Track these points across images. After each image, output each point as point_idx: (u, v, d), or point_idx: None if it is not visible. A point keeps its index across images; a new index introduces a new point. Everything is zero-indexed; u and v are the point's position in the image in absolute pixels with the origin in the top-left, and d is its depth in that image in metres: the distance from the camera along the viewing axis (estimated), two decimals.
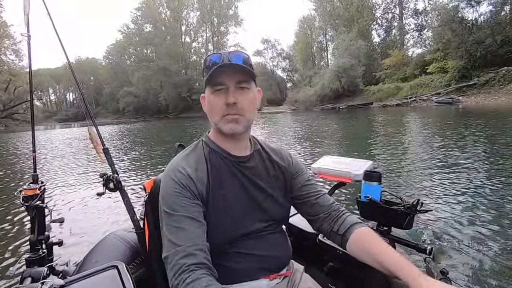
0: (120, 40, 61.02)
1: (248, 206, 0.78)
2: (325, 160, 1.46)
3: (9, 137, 19.54)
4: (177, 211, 0.69)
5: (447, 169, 4.22)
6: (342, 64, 28.31)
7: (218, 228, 0.73)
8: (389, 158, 5.40)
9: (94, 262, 0.95)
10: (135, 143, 11.33)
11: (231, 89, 0.72)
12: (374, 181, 1.10)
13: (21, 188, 1.09)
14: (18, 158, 8.79)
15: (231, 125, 0.73)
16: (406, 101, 22.91)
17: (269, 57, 50.14)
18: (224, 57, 0.73)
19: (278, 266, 0.82)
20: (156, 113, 52.56)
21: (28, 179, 1.16)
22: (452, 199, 3.08)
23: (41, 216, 1.11)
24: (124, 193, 1.19)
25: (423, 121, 11.74)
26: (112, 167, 1.22)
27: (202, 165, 0.76)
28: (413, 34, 36.79)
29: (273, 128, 13.91)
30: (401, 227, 1.06)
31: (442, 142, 6.29)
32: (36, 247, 1.07)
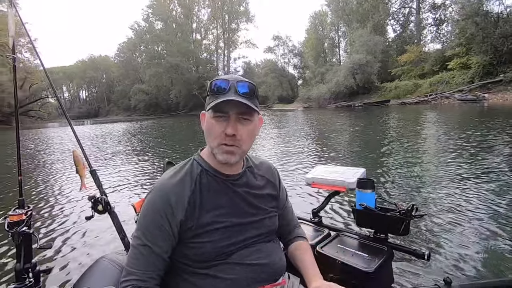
0: (131, 38, 61.52)
1: (239, 222, 0.79)
2: (318, 169, 1.47)
3: (23, 133, 19.67)
4: (143, 236, 0.72)
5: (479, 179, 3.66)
6: (358, 60, 27.41)
7: (210, 243, 0.74)
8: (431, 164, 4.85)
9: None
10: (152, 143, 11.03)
11: (232, 120, 0.72)
12: (367, 188, 1.11)
13: (6, 215, 1.02)
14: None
15: (226, 156, 0.74)
16: (426, 99, 21.90)
17: (280, 54, 49.40)
18: (231, 85, 0.72)
19: (272, 275, 0.82)
20: (167, 110, 52.81)
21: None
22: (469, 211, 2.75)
23: (28, 243, 1.05)
24: (113, 215, 1.17)
25: (451, 120, 11.04)
26: (100, 189, 1.19)
27: (187, 187, 0.76)
28: (430, 29, 35.61)
29: (291, 128, 13.24)
30: (397, 233, 1.05)
31: (474, 144, 5.71)
32: (22, 276, 1.02)
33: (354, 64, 27.58)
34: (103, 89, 75.70)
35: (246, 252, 0.79)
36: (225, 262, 0.76)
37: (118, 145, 10.22)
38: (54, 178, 5.33)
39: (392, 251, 1.06)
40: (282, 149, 6.88)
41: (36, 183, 5.00)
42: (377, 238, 1.12)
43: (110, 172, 5.45)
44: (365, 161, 5.19)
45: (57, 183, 4.88)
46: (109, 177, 5.10)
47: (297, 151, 6.44)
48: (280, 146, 7.40)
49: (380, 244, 1.09)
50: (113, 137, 13.28)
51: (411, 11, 37.04)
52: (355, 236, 1.19)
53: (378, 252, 1.05)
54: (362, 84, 28.58)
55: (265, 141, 8.51)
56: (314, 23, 50.68)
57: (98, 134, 15.39)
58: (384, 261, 1.00)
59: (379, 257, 1.02)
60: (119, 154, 7.92)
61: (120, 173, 5.34)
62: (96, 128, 21.51)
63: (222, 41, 54.67)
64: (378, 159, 5.18)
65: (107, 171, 5.61)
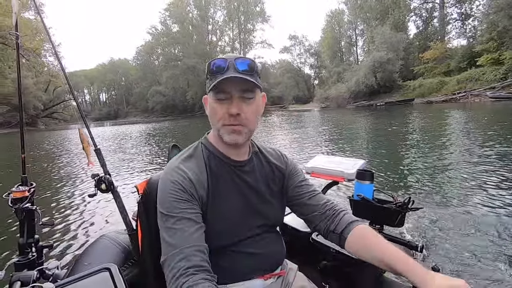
0: (149, 41, 62.78)
1: (245, 210, 0.77)
2: (318, 159, 1.45)
3: (49, 135, 20.26)
4: (176, 213, 0.68)
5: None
6: (379, 58, 26.43)
7: (214, 231, 0.73)
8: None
9: (86, 265, 0.92)
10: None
11: (235, 99, 0.70)
12: (366, 180, 1.11)
13: (9, 191, 1.04)
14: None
15: (233, 136, 0.72)
16: (454, 97, 20.77)
17: (297, 53, 48.66)
18: (230, 63, 0.70)
19: (273, 265, 0.81)
20: (183, 111, 53.36)
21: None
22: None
23: (31, 219, 1.06)
24: (116, 194, 1.18)
25: (483, 119, 10.23)
26: (104, 168, 1.20)
27: (202, 169, 0.75)
28: (455, 24, 33.94)
29: (311, 131, 12.72)
30: (393, 224, 1.06)
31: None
32: (25, 250, 1.04)
33: (375, 62, 26.59)
34: (122, 92, 77.66)
35: (248, 241, 0.77)
36: (226, 250, 0.75)
37: (135, 144, 10.16)
38: (59, 159, 5.56)
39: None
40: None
41: (41, 163, 5.17)
42: (373, 229, 1.08)
43: (117, 157, 5.55)
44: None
45: (62, 164, 5.03)
46: (115, 160, 5.23)
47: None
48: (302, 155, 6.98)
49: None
50: (131, 138, 13.31)
51: (435, 6, 35.51)
52: None
53: None
54: (383, 83, 27.57)
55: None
56: (330, 22, 49.90)
57: (119, 134, 15.55)
58: None
59: None
60: (132, 151, 7.91)
61: (125, 157, 5.49)
62: (117, 129, 21.84)
63: (237, 42, 54.72)
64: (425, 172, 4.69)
65: (116, 156, 5.71)
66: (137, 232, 0.88)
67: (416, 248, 0.99)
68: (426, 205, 2.81)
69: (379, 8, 38.08)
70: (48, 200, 3.37)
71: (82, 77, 70.90)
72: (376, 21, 38.09)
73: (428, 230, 2.32)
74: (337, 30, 49.42)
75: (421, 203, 2.81)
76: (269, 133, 11.04)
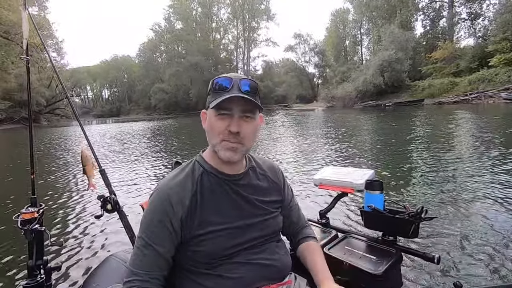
0: (152, 38, 62.40)
1: (243, 223, 0.78)
2: (326, 170, 1.46)
3: (52, 131, 19.95)
4: (146, 236, 0.71)
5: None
6: (388, 58, 25.92)
7: (213, 244, 0.74)
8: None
9: (94, 286, 0.92)
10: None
11: (236, 117, 0.72)
12: (376, 190, 1.10)
13: (19, 212, 1.04)
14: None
15: (229, 154, 0.73)
16: (466, 98, 20.28)
17: (301, 52, 48.10)
18: (234, 83, 0.72)
19: (278, 275, 0.81)
20: (186, 109, 53.00)
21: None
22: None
23: (40, 240, 1.07)
24: (122, 214, 1.18)
25: (498, 122, 9.78)
26: (109, 188, 1.20)
27: (188, 187, 0.76)
28: (463, 24, 33.36)
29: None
30: (406, 235, 1.04)
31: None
32: (34, 272, 1.03)
33: (383, 61, 26.07)
34: (125, 89, 77.37)
35: (251, 252, 0.78)
36: (230, 262, 0.75)
37: (138, 145, 9.79)
38: (66, 177, 5.37)
39: (401, 254, 1.04)
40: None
41: (48, 182, 5.01)
42: (386, 241, 1.10)
43: (121, 173, 5.40)
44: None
45: (69, 182, 4.88)
46: (119, 177, 5.05)
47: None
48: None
49: (389, 246, 1.07)
50: (134, 137, 12.95)
51: (443, 5, 34.91)
52: (363, 238, 1.17)
53: (386, 255, 1.03)
54: (391, 83, 27.05)
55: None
56: (335, 21, 49.41)
57: (122, 132, 15.20)
58: (393, 263, 0.98)
59: (387, 259, 0.99)
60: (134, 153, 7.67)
61: (129, 173, 5.33)
62: (120, 126, 21.52)
63: (242, 40, 54.26)
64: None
65: (119, 171, 5.58)
66: None
67: (432, 260, 0.96)
68: (441, 215, 2.69)
69: (386, 7, 37.56)
70: (55, 218, 3.32)
71: (85, 73, 70.43)
72: (382, 20, 37.57)
73: (445, 241, 2.19)
74: (342, 29, 48.99)
75: (435, 213, 2.72)
76: (273, 137, 10.60)
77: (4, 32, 25.58)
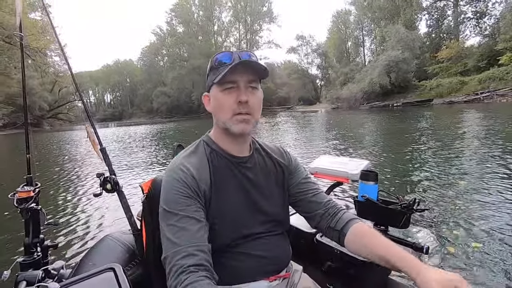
0: (154, 42, 62.40)
1: (248, 208, 0.77)
2: (322, 159, 1.43)
3: (55, 135, 19.66)
4: (179, 210, 0.67)
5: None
6: (395, 58, 25.50)
7: (219, 229, 0.72)
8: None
9: (90, 265, 0.94)
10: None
11: (243, 88, 0.71)
12: (370, 180, 1.10)
13: (14, 191, 1.05)
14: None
15: (242, 126, 0.72)
16: (478, 97, 19.82)
17: (304, 54, 47.77)
18: (235, 56, 0.71)
19: (278, 267, 0.81)
20: (188, 112, 52.79)
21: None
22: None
23: (36, 219, 1.08)
24: (121, 195, 1.18)
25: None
26: (109, 168, 1.20)
27: (205, 165, 0.75)
28: (470, 22, 32.91)
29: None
30: (398, 226, 1.05)
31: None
32: (30, 250, 1.04)
33: (390, 61, 25.66)
34: (127, 93, 77.44)
35: (253, 243, 0.76)
36: (231, 250, 0.74)
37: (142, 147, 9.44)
38: (64, 159, 5.70)
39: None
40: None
41: (47, 162, 5.37)
42: (377, 230, 1.07)
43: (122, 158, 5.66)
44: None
45: (67, 163, 5.13)
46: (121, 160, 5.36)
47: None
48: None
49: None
50: (138, 140, 12.60)
51: (448, 4, 34.52)
52: None
53: None
54: (398, 83, 26.61)
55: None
56: (336, 22, 49.16)
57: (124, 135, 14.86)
58: None
59: None
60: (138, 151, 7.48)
61: (131, 156, 5.66)
62: (123, 130, 21.22)
63: (244, 42, 54.07)
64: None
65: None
66: (142, 232, 0.88)
67: (421, 250, 0.97)
68: (434, 207, 2.72)
69: (389, 7, 37.22)
70: (53, 199, 3.35)
71: (88, 77, 70.49)
72: (385, 20, 37.22)
73: (435, 232, 2.27)
74: (343, 30, 48.72)
75: (429, 205, 2.76)
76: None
77: (6, 37, 25.42)
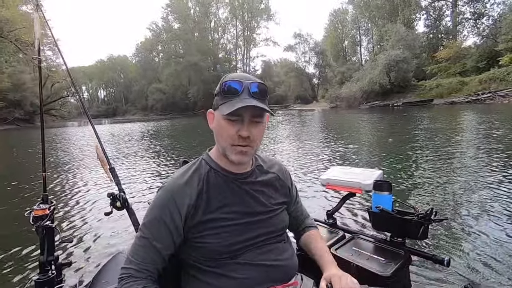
0: (149, 38, 61.38)
1: (248, 220, 0.77)
2: (333, 170, 1.44)
3: (47, 132, 18.98)
4: (146, 229, 0.73)
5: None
6: (395, 57, 25.36)
7: (218, 241, 0.74)
8: None
9: (103, 282, 0.94)
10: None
11: (246, 122, 0.71)
12: (384, 190, 1.09)
13: (30, 209, 1.05)
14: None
15: (239, 157, 0.73)
16: (479, 98, 19.78)
17: (301, 52, 47.42)
18: (245, 87, 0.71)
19: (284, 276, 0.81)
20: (184, 110, 52.13)
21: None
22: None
23: (50, 237, 1.08)
24: (131, 211, 1.20)
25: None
26: (118, 186, 1.22)
27: (194, 185, 0.76)
28: (468, 23, 33.01)
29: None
30: (415, 237, 1.02)
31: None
32: (45, 268, 1.04)
33: (390, 60, 25.51)
34: (121, 89, 76.21)
35: (257, 252, 0.76)
36: (235, 261, 0.75)
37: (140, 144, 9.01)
38: (76, 175, 5.40)
39: (409, 256, 1.03)
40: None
41: (59, 180, 5.06)
42: (394, 242, 1.08)
43: (130, 172, 5.42)
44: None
45: (79, 181, 4.94)
46: (129, 175, 5.14)
47: None
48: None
49: (397, 248, 1.05)
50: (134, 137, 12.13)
51: (447, 4, 34.56)
52: (371, 239, 1.15)
53: (395, 256, 1.01)
54: (397, 83, 26.51)
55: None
56: (333, 21, 48.97)
57: (119, 133, 14.35)
58: (401, 265, 0.97)
59: (395, 261, 0.98)
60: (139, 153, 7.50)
61: (138, 172, 5.38)
62: (118, 127, 20.63)
63: (241, 39, 53.53)
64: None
65: (128, 170, 5.57)
66: None
67: (442, 262, 0.95)
68: (452, 217, 2.64)
69: (387, 7, 37.12)
70: (65, 216, 3.38)
71: (81, 73, 69.02)
72: (383, 20, 37.12)
73: (455, 243, 2.17)
74: (340, 29, 48.57)
75: (446, 214, 2.68)
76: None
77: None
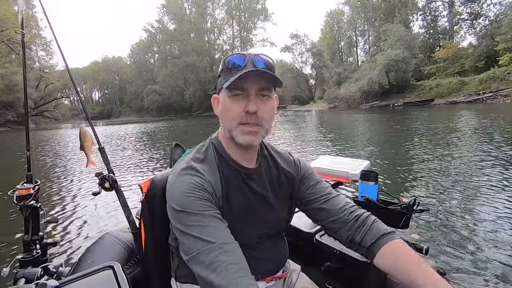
0: (145, 39, 60.73)
1: (250, 218, 0.74)
2: (322, 159, 1.45)
3: (37, 134, 18.38)
4: (200, 210, 0.63)
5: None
6: (395, 57, 25.25)
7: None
8: None
9: (89, 263, 0.94)
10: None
11: (252, 96, 0.65)
12: (371, 180, 1.11)
13: (14, 188, 1.05)
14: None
15: (248, 138, 0.67)
16: (480, 97, 19.71)
17: (298, 53, 47.31)
18: (249, 60, 0.66)
19: (275, 268, 0.80)
20: (180, 111, 51.60)
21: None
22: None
23: (35, 216, 1.08)
24: (120, 193, 1.20)
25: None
26: (107, 167, 1.21)
27: (216, 173, 0.71)
28: (464, 23, 33.19)
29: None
30: (397, 226, 1.05)
31: None
32: (29, 247, 1.05)
33: (390, 60, 25.40)
34: (116, 90, 75.36)
35: (251, 246, 0.73)
36: None
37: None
38: (63, 157, 5.48)
39: None
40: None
41: (46, 162, 5.09)
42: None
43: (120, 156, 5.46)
44: None
45: (66, 162, 4.94)
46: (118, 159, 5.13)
47: None
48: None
49: None
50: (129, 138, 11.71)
51: (444, 4, 34.70)
52: None
53: None
54: (397, 83, 26.41)
55: None
56: (329, 22, 48.99)
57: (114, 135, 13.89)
58: None
59: None
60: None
61: (129, 156, 5.41)
62: (113, 129, 20.11)
63: (238, 40, 53.21)
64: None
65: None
66: (141, 230, 0.88)
67: (421, 251, 0.98)
68: (434, 208, 2.73)
69: (384, 7, 37.17)
70: (51, 198, 3.36)
71: (76, 74, 67.80)
72: (380, 21, 37.16)
73: (434, 233, 2.28)
74: (337, 30, 48.62)
75: (428, 205, 2.77)
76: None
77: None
